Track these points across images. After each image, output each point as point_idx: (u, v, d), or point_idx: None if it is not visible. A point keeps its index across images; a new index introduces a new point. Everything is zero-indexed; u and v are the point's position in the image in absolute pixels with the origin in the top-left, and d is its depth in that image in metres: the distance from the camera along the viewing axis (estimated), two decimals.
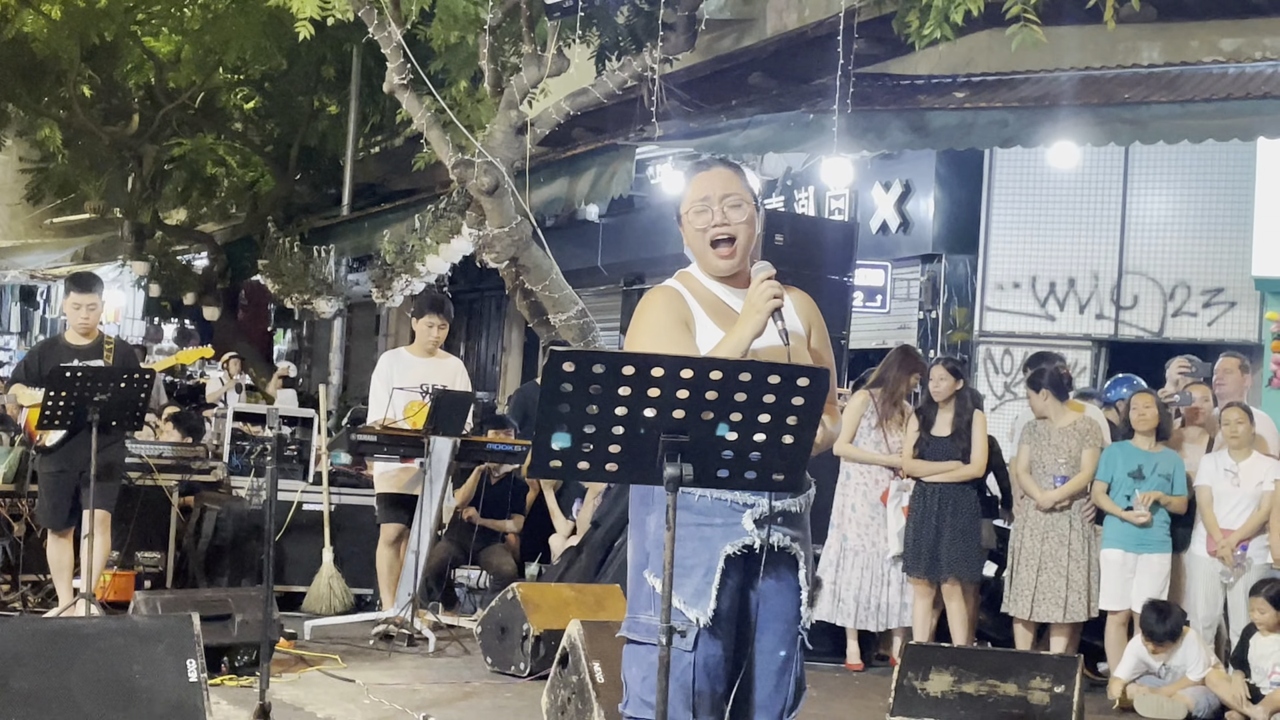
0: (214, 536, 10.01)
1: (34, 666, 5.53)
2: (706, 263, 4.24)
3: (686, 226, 4.27)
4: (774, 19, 14.07)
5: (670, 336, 4.06)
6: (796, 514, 4.13)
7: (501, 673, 8.10)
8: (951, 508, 8.97)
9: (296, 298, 18.64)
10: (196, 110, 20.72)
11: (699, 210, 4.21)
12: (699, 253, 4.25)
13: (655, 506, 4.05)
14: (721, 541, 4.03)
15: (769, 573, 4.09)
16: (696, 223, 4.21)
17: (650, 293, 4.24)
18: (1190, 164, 11.96)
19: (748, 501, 4.03)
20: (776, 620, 4.11)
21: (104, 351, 8.56)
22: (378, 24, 11.47)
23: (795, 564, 4.12)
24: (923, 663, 6.92)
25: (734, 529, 4.04)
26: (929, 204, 13.12)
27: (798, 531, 4.14)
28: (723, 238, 4.19)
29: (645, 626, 4.05)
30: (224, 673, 7.51)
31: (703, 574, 4.00)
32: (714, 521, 4.04)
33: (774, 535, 4.07)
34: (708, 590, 3.99)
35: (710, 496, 4.02)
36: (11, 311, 33.80)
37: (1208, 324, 12.02)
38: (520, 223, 11.39)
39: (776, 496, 4.03)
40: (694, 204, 4.22)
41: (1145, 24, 11.67)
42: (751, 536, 4.03)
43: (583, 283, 14.90)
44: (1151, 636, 8.21)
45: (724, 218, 4.18)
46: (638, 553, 4.15)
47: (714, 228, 4.19)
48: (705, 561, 4.01)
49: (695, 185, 4.26)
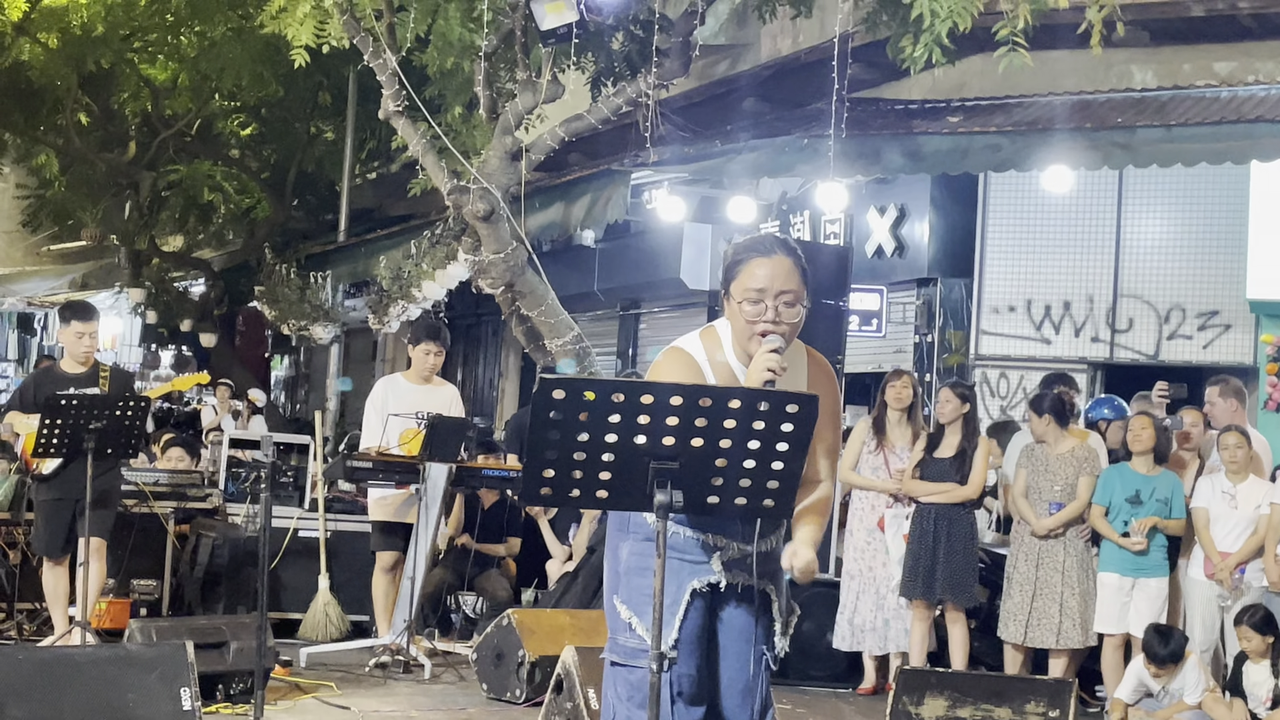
0: (210, 563, 9.98)
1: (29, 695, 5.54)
2: (744, 346, 4.19)
3: (733, 306, 4.20)
4: (768, 44, 14.11)
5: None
6: (767, 552, 4.22)
7: (497, 699, 8.09)
8: (947, 529, 8.97)
9: (293, 324, 18.65)
10: (193, 137, 20.78)
11: (753, 301, 4.14)
12: (741, 337, 4.19)
13: (629, 535, 4.19)
14: (690, 577, 4.16)
15: (736, 605, 4.23)
16: (747, 312, 4.14)
17: (667, 353, 4.24)
18: (1184, 187, 11.99)
19: (719, 544, 4.17)
20: (742, 646, 4.23)
21: (99, 379, 8.56)
22: (373, 51, 11.51)
23: (766, 599, 4.25)
24: (918, 687, 6.91)
25: (702, 567, 4.18)
26: (924, 228, 13.14)
27: (768, 566, 4.22)
28: (771, 332, 4.12)
29: (623, 648, 4.19)
30: (219, 700, 7.48)
31: (669, 604, 4.08)
32: (685, 557, 4.17)
33: (740, 576, 4.19)
34: (672, 621, 4.11)
35: (683, 534, 4.14)
36: (9, 339, 33.80)
37: (1203, 347, 12.04)
38: (516, 248, 11.41)
39: (747, 540, 4.14)
40: (748, 293, 4.14)
41: (1138, 48, 11.70)
42: (718, 576, 4.18)
43: (579, 308, 14.92)
44: (1154, 659, 8.19)
45: (776, 315, 4.13)
46: (610, 577, 4.28)
47: (764, 323, 4.12)
48: (672, 593, 4.11)
49: (753, 270, 4.17)
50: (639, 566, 4.14)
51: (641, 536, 4.15)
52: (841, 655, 9.35)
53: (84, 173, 21.54)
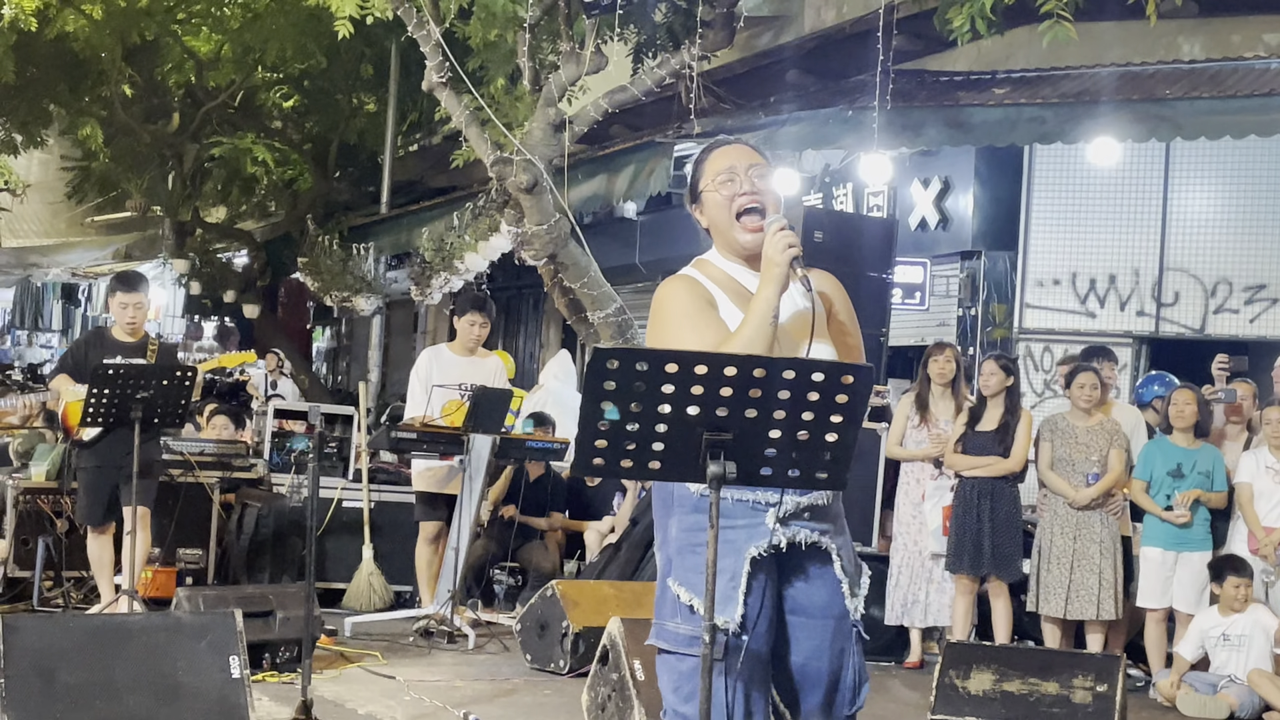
0: (255, 533, 10.04)
1: (80, 661, 5.59)
2: (730, 238, 4.04)
3: (707, 202, 4.07)
4: (812, 15, 14.04)
5: (701, 320, 3.91)
6: (823, 506, 3.94)
7: (541, 670, 8.12)
8: (990, 502, 8.94)
9: (335, 295, 18.70)
10: (236, 109, 20.81)
11: (724, 180, 4.02)
12: (723, 227, 4.05)
13: (675, 510, 3.92)
14: (746, 544, 3.85)
15: (801, 570, 3.94)
16: (722, 193, 4.01)
17: (666, 283, 4.05)
18: (1232, 160, 11.88)
19: (770, 500, 3.86)
20: (818, 617, 3.94)
21: (148, 351, 8.61)
22: (416, 22, 11.49)
23: (828, 558, 3.94)
24: (964, 661, 6.91)
25: (757, 529, 3.87)
26: (968, 200, 13.07)
27: (826, 524, 3.95)
28: (752, 206, 4.00)
29: (672, 634, 3.89)
30: (265, 669, 7.53)
31: (728, 579, 3.82)
32: (736, 524, 3.85)
33: (801, 531, 3.90)
34: (734, 595, 3.81)
35: (731, 498, 3.83)
36: (54, 309, 33.99)
37: (1249, 321, 11.95)
38: (559, 220, 11.40)
39: (802, 492, 3.86)
40: (717, 175, 4.03)
41: (1187, 19, 11.60)
42: (777, 535, 3.87)
43: (621, 280, 14.90)
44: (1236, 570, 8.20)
45: (752, 186, 4.01)
46: (662, 558, 3.99)
47: (741, 196, 4.00)
48: (730, 566, 3.82)
49: (716, 158, 4.07)
50: (691, 543, 3.85)
51: (689, 509, 3.88)
52: (887, 629, 9.35)
53: (128, 144, 21.59)
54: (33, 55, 18.52)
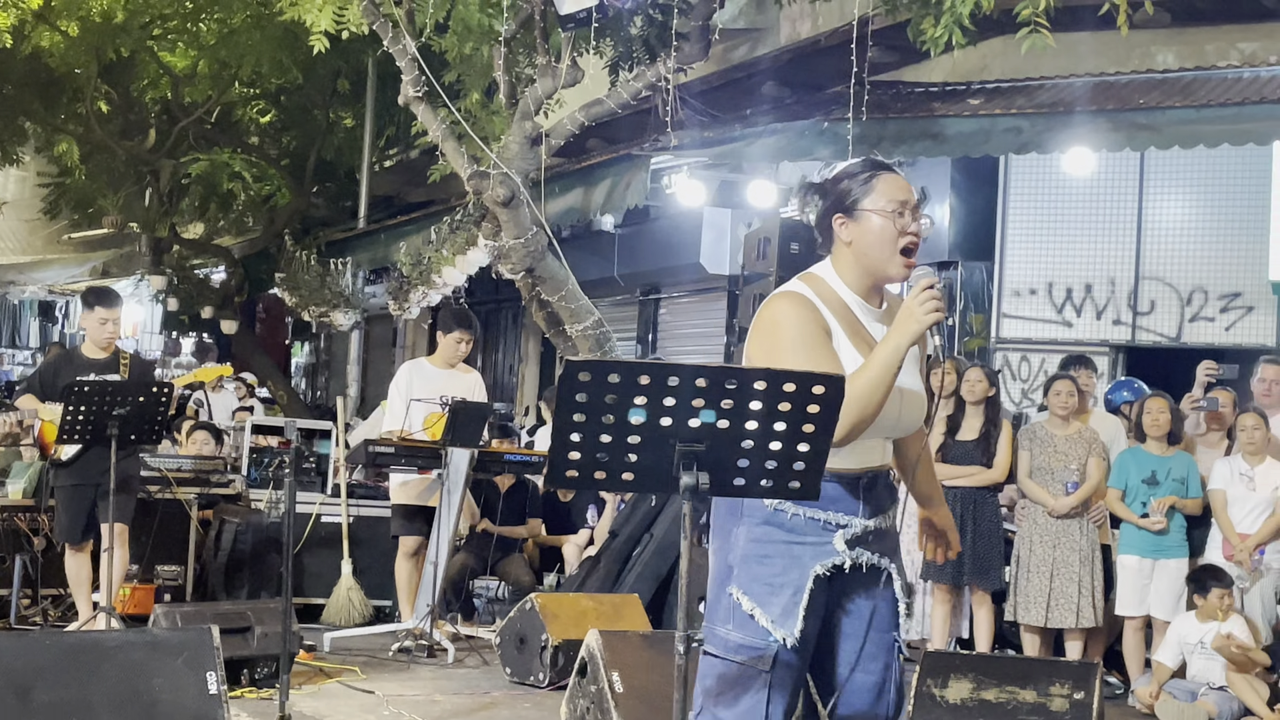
0: (233, 549, 10.03)
1: (55, 680, 5.56)
2: (880, 267, 3.98)
3: (869, 222, 3.98)
4: (788, 28, 14.07)
5: (817, 351, 3.84)
6: (885, 530, 4.00)
7: (520, 683, 8.11)
8: (973, 512, 8.97)
9: (314, 310, 18.68)
10: (213, 124, 20.78)
11: (899, 213, 3.96)
12: (875, 254, 3.97)
13: (745, 519, 3.92)
14: (812, 561, 3.88)
15: (861, 590, 3.98)
16: (893, 225, 3.95)
17: (780, 300, 3.95)
18: (1206, 169, 11.94)
19: (840, 522, 3.90)
20: (873, 633, 3.99)
21: (120, 366, 8.59)
22: (392, 37, 11.50)
23: (890, 579, 3.99)
24: (942, 670, 6.91)
25: (825, 549, 3.89)
26: (944, 211, 13.10)
27: (887, 544, 4.01)
28: (913, 247, 3.98)
29: (723, 640, 3.88)
30: (244, 685, 7.53)
31: (791, 593, 3.85)
32: (805, 540, 3.88)
33: (864, 555, 3.94)
34: (795, 610, 3.84)
35: (804, 515, 3.88)
36: (30, 326, 33.89)
37: (1225, 329, 12.00)
38: (536, 234, 11.41)
39: (868, 515, 3.93)
40: (894, 204, 3.96)
41: (1160, 29, 11.65)
42: (842, 557, 3.90)
43: (599, 293, 14.92)
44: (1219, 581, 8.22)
45: (916, 227, 3.98)
46: (720, 563, 3.97)
47: (910, 234, 3.96)
48: (794, 581, 3.86)
49: (892, 184, 4.00)
50: (758, 554, 3.87)
51: (759, 520, 3.89)
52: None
53: (104, 160, 21.56)
54: (7, 72, 18.51)
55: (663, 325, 17.36)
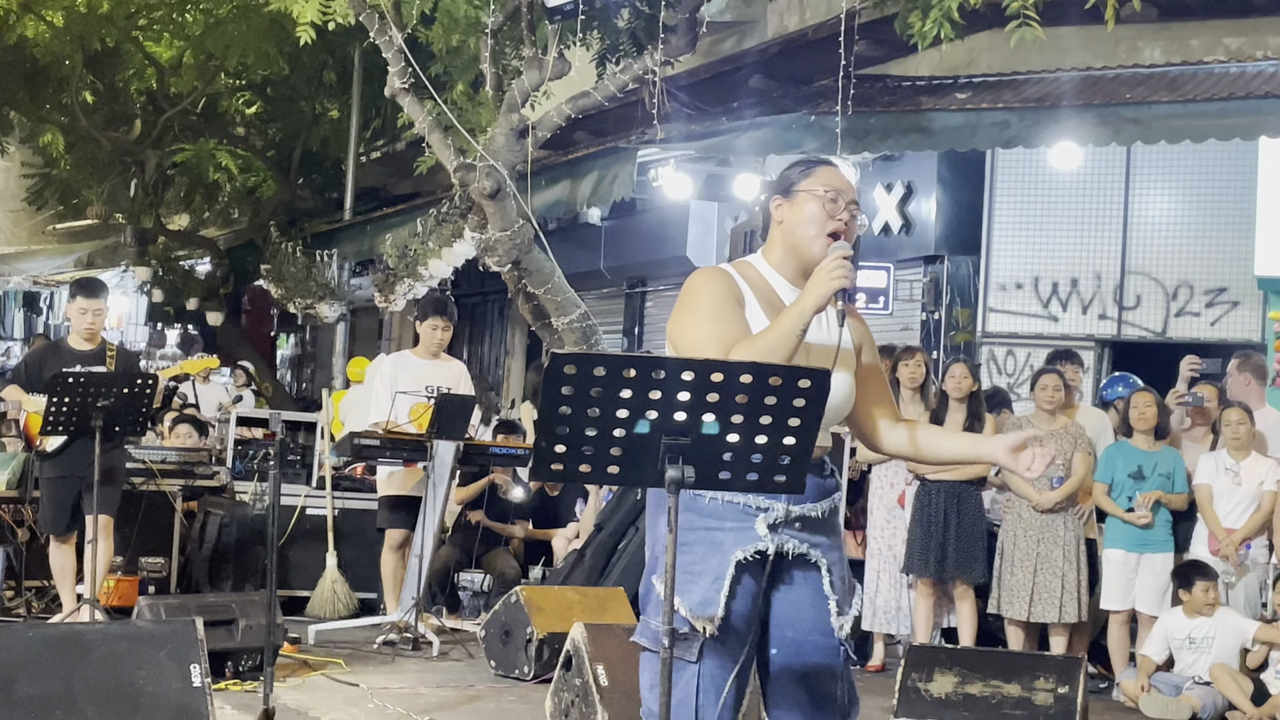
0: (217, 541, 10.01)
1: (38, 672, 5.54)
2: (804, 249, 3.98)
3: (802, 204, 4.01)
4: (775, 21, 14.07)
5: (725, 314, 3.87)
6: (816, 519, 3.91)
7: (505, 676, 8.10)
8: (957, 506, 8.97)
9: (299, 302, 18.65)
10: (198, 115, 20.73)
11: (832, 199, 3.97)
12: (801, 234, 3.99)
13: (665, 510, 3.83)
14: (733, 546, 3.81)
15: (790, 583, 3.90)
16: (825, 209, 3.96)
17: (700, 272, 4.00)
18: (1192, 163, 11.95)
19: (761, 505, 3.82)
20: (802, 633, 3.90)
21: (106, 357, 8.55)
22: (378, 28, 11.48)
23: (818, 572, 3.90)
24: (926, 664, 6.92)
25: (746, 533, 3.82)
26: (931, 205, 13.11)
27: (820, 537, 3.92)
28: (840, 233, 3.97)
29: (654, 632, 3.79)
30: (228, 678, 7.50)
31: (711, 580, 3.78)
32: (725, 525, 3.82)
33: (790, 541, 3.86)
34: (716, 598, 3.77)
35: (721, 499, 3.82)
36: (15, 318, 33.79)
37: (1210, 324, 12.01)
38: (522, 226, 11.39)
39: (795, 501, 3.85)
40: (828, 190, 3.98)
41: (1147, 24, 11.66)
42: (765, 542, 3.82)
43: (585, 285, 14.90)
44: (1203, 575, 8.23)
45: (850, 217, 3.99)
46: (650, 558, 3.98)
47: (839, 220, 3.96)
48: (714, 568, 3.79)
49: (831, 173, 4.04)
50: (679, 541, 3.70)
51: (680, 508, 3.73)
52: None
53: (89, 151, 21.50)
54: None
55: (649, 318, 17.34)
